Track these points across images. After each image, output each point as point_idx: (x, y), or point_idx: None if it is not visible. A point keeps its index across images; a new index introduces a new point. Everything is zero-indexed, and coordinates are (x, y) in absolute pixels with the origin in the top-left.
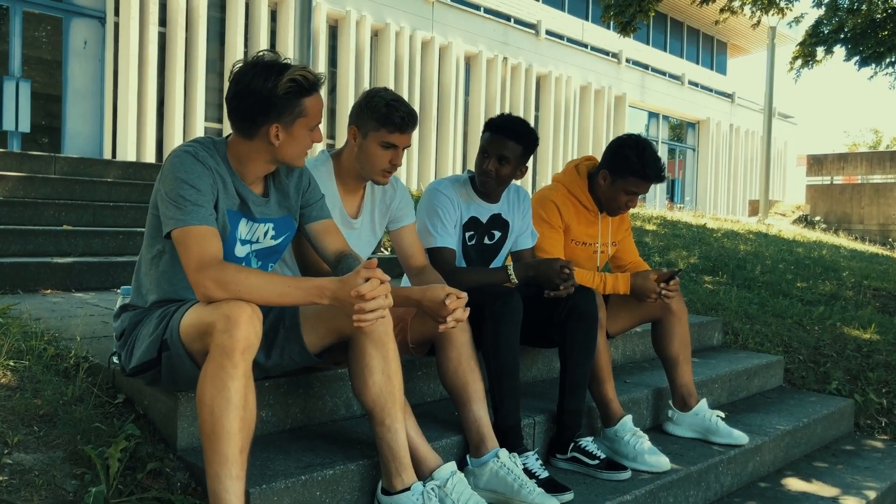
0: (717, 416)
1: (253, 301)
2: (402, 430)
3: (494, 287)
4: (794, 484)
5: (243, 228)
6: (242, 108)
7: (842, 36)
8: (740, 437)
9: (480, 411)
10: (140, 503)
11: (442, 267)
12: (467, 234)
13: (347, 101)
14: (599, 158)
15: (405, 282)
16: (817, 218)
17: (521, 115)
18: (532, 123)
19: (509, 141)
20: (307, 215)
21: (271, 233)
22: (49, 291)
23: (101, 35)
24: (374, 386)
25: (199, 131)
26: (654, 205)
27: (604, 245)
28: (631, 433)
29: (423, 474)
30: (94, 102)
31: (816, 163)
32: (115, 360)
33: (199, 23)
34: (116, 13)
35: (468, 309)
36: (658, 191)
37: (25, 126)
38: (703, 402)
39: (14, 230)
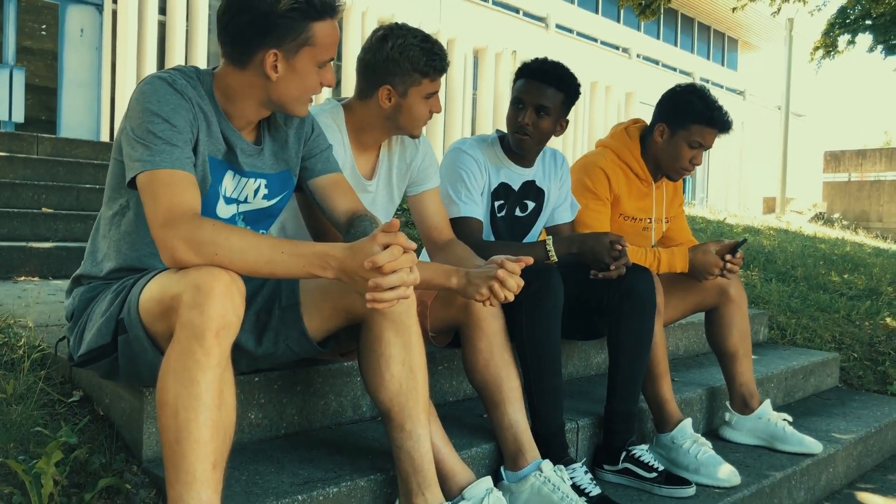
0: (784, 419)
1: (234, 269)
2: (426, 436)
3: (532, 265)
4: (871, 500)
5: (228, 183)
6: (234, 27)
7: (868, 23)
8: (813, 444)
9: (517, 414)
10: None
11: (466, 241)
12: (496, 204)
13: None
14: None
15: (424, 258)
16: (836, 215)
17: None
18: None
19: (549, 88)
20: (310, 168)
21: (263, 191)
22: (23, 278)
23: (99, 23)
24: (393, 380)
25: None
26: None
27: (657, 221)
28: (691, 440)
29: (452, 493)
30: (91, 92)
31: (834, 160)
32: (66, 346)
33: (201, 12)
34: (115, 0)
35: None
36: None
37: (19, 116)
38: (767, 404)
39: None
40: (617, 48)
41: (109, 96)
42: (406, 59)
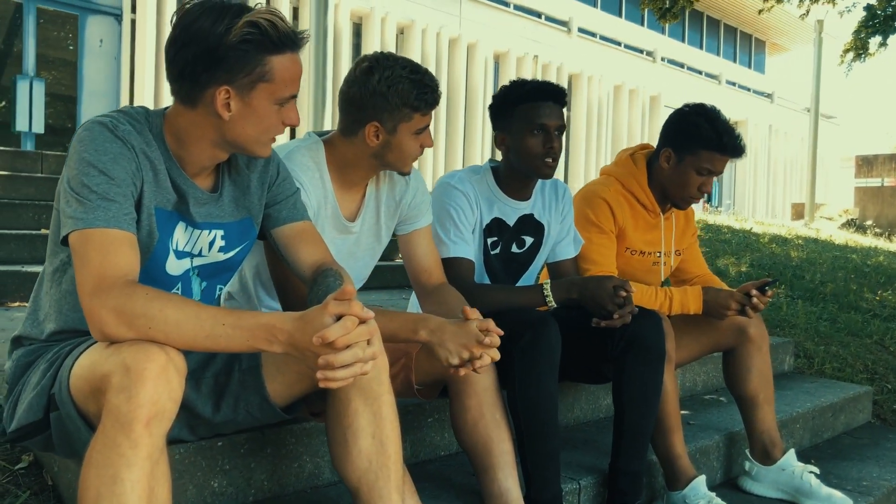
0: (811, 471)
1: (170, 343)
2: None
3: (523, 312)
4: None
5: (180, 235)
6: (181, 61)
7: None
8: (843, 501)
9: (508, 481)
10: None
11: (457, 284)
12: (489, 241)
13: None
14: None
15: (413, 304)
16: (868, 222)
17: None
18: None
19: (557, 106)
20: (274, 216)
21: (220, 242)
22: (17, 304)
23: (118, 33)
24: (361, 456)
25: None
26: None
27: (666, 254)
28: (705, 500)
29: None
30: (110, 102)
31: (866, 164)
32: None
33: None
34: (133, 10)
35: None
36: None
37: (39, 127)
38: (791, 454)
39: None
40: (641, 51)
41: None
42: (395, 94)
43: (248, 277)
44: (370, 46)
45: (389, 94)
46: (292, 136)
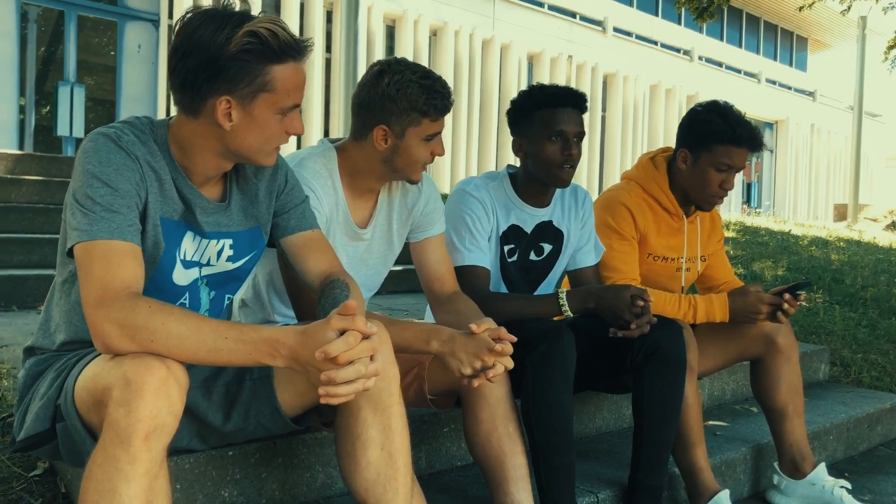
0: (842, 486)
1: (172, 356)
2: None
3: (537, 322)
4: None
5: (188, 245)
6: (182, 71)
7: None
8: None
9: (521, 495)
10: None
11: (471, 292)
12: (506, 249)
13: None
14: None
15: (428, 315)
16: None
17: (587, 116)
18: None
19: (576, 112)
20: (283, 225)
21: (228, 251)
22: None
23: (155, 38)
24: (370, 467)
25: None
26: (729, 209)
27: (690, 260)
28: None
29: None
30: (149, 106)
31: None
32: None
33: None
34: (170, 16)
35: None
36: (734, 195)
37: (80, 131)
38: (821, 468)
39: (18, 239)
40: (678, 50)
41: (165, 110)
42: (403, 97)
43: (262, 285)
44: (403, 49)
45: (398, 98)
46: (299, 145)
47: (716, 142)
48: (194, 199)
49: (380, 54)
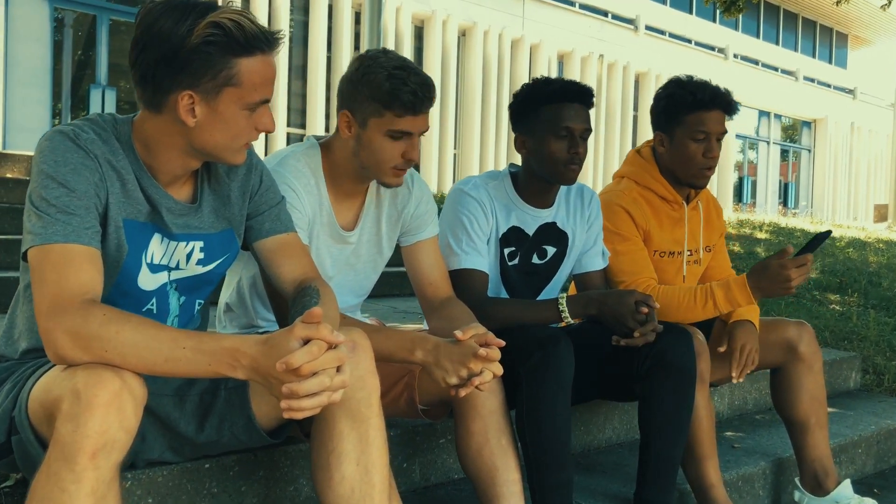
0: None
1: (128, 367)
2: None
3: (533, 329)
4: None
5: (156, 248)
6: (143, 64)
7: None
8: None
9: None
10: None
11: (468, 297)
12: (506, 251)
13: (434, 108)
14: None
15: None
16: None
17: (619, 115)
18: (630, 124)
19: (584, 108)
20: (256, 228)
21: (198, 254)
22: None
23: None
24: (344, 482)
25: (281, 139)
26: (764, 210)
27: (696, 251)
28: None
29: None
30: None
31: None
32: None
33: (282, 27)
34: None
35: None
36: (770, 196)
37: None
38: (846, 485)
39: (10, 240)
40: (713, 48)
41: None
42: (366, 84)
43: (245, 290)
44: (432, 50)
45: (361, 83)
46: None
47: (684, 112)
48: (160, 200)
49: (408, 55)
